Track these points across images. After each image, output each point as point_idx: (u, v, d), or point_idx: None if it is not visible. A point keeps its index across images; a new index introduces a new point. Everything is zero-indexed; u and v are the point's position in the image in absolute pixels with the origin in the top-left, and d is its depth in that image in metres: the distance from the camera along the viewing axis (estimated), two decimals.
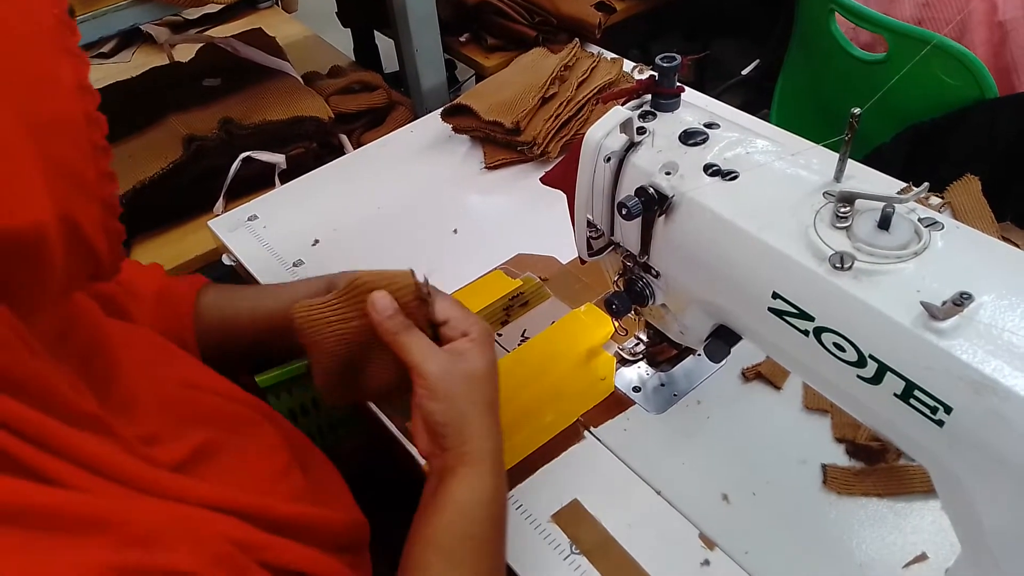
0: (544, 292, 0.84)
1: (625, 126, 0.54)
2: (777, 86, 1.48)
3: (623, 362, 0.75)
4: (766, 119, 1.14)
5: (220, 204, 1.11)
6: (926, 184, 0.45)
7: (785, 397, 0.70)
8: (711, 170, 0.51)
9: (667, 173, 0.52)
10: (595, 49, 1.22)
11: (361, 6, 1.54)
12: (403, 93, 1.29)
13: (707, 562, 0.60)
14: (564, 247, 0.87)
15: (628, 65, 1.14)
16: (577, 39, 1.20)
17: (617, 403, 0.72)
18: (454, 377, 0.56)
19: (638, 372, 0.74)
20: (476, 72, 1.40)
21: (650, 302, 0.61)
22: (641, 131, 0.55)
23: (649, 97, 0.56)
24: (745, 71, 1.71)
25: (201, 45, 1.30)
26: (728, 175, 0.50)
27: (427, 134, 1.11)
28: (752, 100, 1.72)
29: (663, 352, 0.72)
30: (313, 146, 1.15)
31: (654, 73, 0.55)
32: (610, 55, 1.18)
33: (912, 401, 0.41)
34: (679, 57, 0.54)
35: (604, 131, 0.54)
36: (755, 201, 0.49)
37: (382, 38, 1.63)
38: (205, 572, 0.40)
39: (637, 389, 0.72)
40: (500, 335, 0.80)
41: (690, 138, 0.53)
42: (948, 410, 0.40)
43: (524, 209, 0.96)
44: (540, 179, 0.67)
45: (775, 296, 0.47)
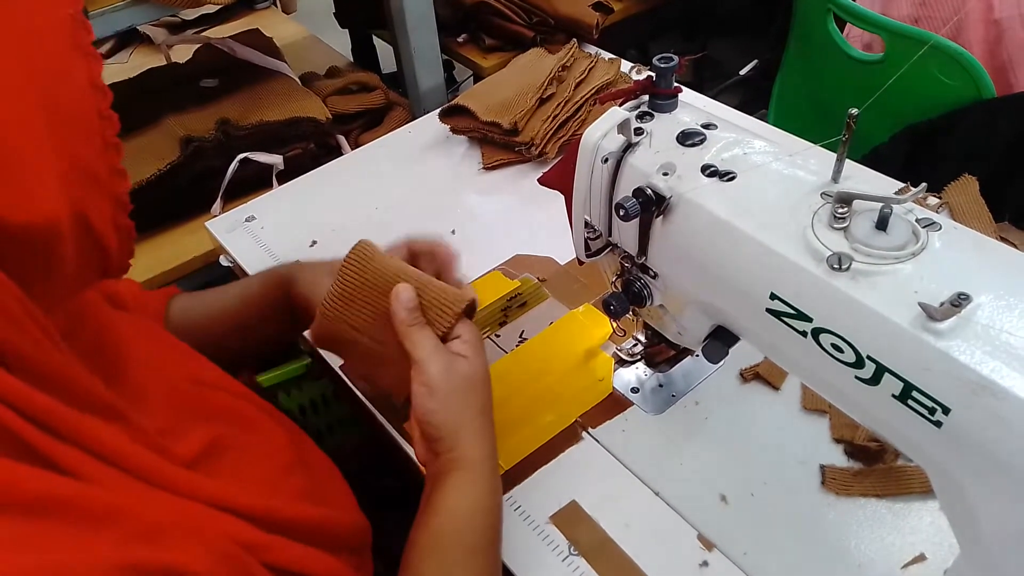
0: (542, 293, 0.84)
1: (623, 127, 0.54)
2: (775, 86, 1.48)
3: (621, 363, 0.75)
4: (764, 119, 1.14)
5: (218, 205, 1.11)
6: (924, 184, 0.45)
7: (783, 398, 0.70)
8: (709, 171, 0.51)
9: (665, 174, 0.52)
10: (593, 49, 1.22)
11: (359, 7, 1.54)
12: (401, 94, 1.29)
13: (705, 563, 0.60)
14: (562, 248, 0.87)
15: (626, 65, 1.14)
16: (575, 39, 1.20)
17: (615, 404, 0.71)
18: (453, 378, 0.56)
19: (636, 373, 0.74)
20: (474, 73, 1.40)
21: (648, 303, 0.61)
22: (639, 132, 0.55)
23: (647, 98, 0.56)
24: (743, 71, 1.71)
25: (198, 46, 1.30)
26: (726, 176, 0.50)
27: (425, 135, 1.11)
28: (749, 100, 1.73)
29: (661, 353, 0.72)
30: (311, 147, 1.15)
31: (652, 74, 0.55)
32: (608, 55, 1.18)
33: (910, 402, 0.41)
34: (676, 58, 0.54)
35: (602, 132, 0.54)
36: (753, 202, 0.49)
37: (380, 39, 1.63)
38: (210, 571, 0.39)
39: (635, 390, 0.72)
40: (498, 336, 0.80)
41: (688, 139, 0.53)
42: (946, 411, 0.40)
43: (522, 210, 0.96)
44: (538, 180, 0.67)
45: (773, 297, 0.47)
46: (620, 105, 0.57)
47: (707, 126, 0.54)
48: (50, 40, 0.39)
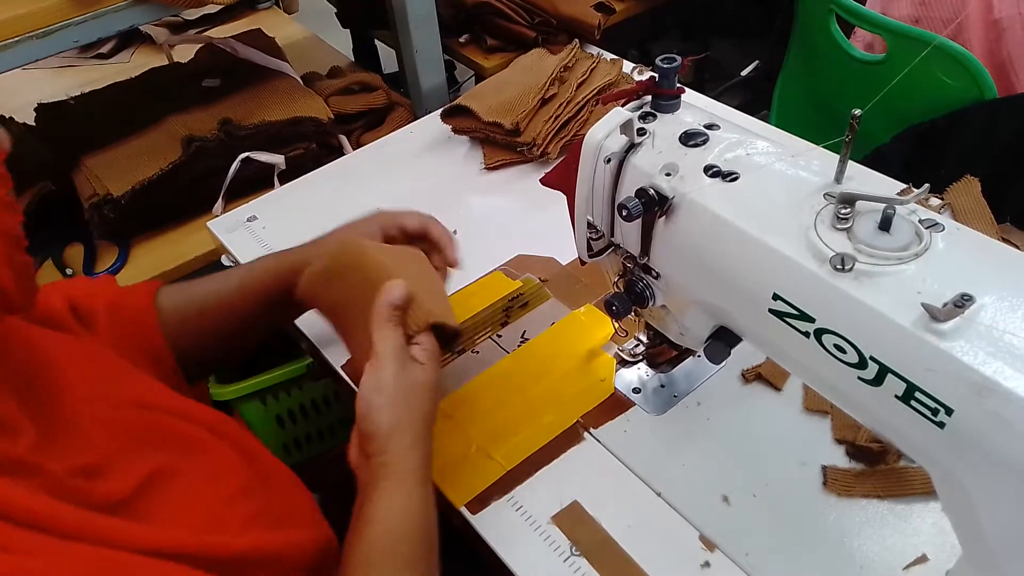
0: (544, 293, 0.84)
1: (625, 127, 0.54)
2: (776, 87, 1.48)
3: (623, 363, 0.75)
4: (765, 120, 1.14)
5: (219, 205, 1.11)
6: (927, 185, 0.45)
7: (785, 398, 0.70)
8: (711, 171, 0.51)
9: (667, 174, 0.52)
10: (594, 50, 1.22)
11: (361, 7, 1.53)
12: (403, 94, 1.29)
13: (707, 564, 0.60)
14: (564, 248, 0.87)
15: (627, 66, 1.14)
16: (576, 40, 1.20)
17: (617, 404, 0.71)
18: (404, 380, 0.55)
19: (638, 373, 0.74)
20: (475, 73, 1.40)
21: (650, 303, 0.61)
22: (641, 132, 0.55)
23: (649, 98, 0.56)
24: (744, 72, 1.71)
25: (200, 46, 1.30)
26: (728, 176, 0.50)
27: (426, 135, 1.11)
28: (751, 101, 1.73)
29: (663, 353, 0.72)
30: (312, 147, 1.15)
31: (654, 74, 0.55)
32: (610, 56, 1.18)
33: (913, 403, 0.41)
34: (679, 58, 0.54)
35: (604, 132, 0.54)
36: (756, 202, 0.49)
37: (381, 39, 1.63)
38: None
39: (637, 390, 0.72)
40: (500, 336, 0.80)
41: (690, 139, 0.53)
42: (949, 412, 0.40)
43: (524, 210, 0.96)
44: (540, 180, 0.67)
45: (775, 297, 0.46)
46: (623, 105, 0.57)
47: (710, 127, 0.54)
48: None
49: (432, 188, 1.02)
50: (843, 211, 0.44)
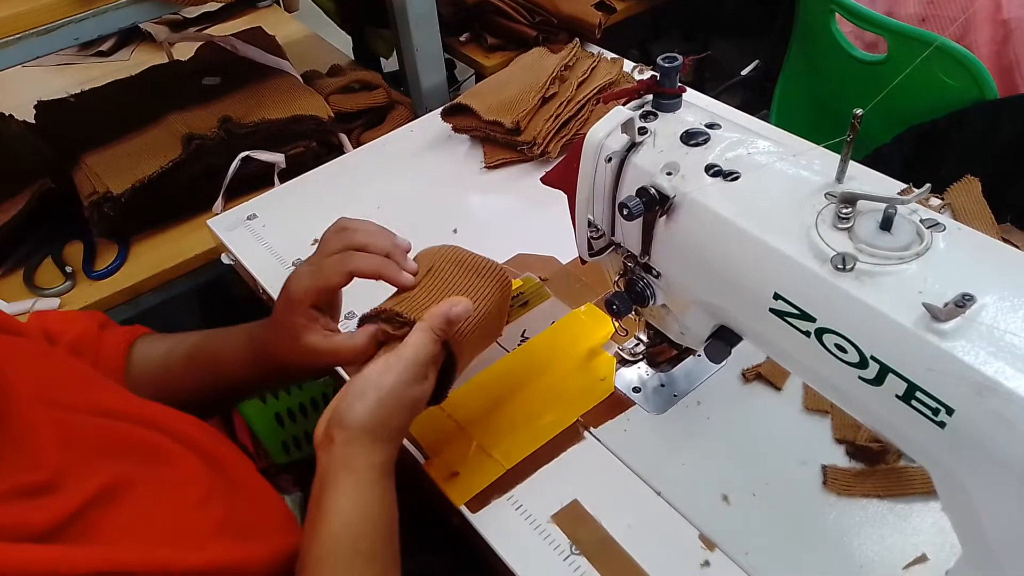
0: (544, 292, 0.84)
1: (626, 126, 0.54)
2: (777, 86, 1.48)
3: (623, 362, 0.75)
4: (765, 119, 1.14)
5: (219, 203, 1.11)
6: (928, 185, 0.45)
7: (785, 398, 0.70)
8: (713, 170, 0.51)
9: (668, 173, 0.52)
10: (595, 49, 1.22)
11: (361, 6, 1.54)
12: (403, 92, 1.29)
13: (707, 563, 0.60)
14: (564, 247, 0.87)
15: (628, 65, 1.14)
16: (577, 39, 1.20)
17: (617, 403, 0.71)
18: (405, 391, 0.55)
19: (638, 372, 0.74)
20: (476, 72, 1.40)
21: (651, 302, 0.61)
22: (642, 131, 0.55)
23: (650, 97, 0.56)
24: (744, 71, 1.71)
25: (200, 44, 1.30)
26: (730, 176, 0.50)
27: (427, 133, 1.11)
28: (751, 100, 1.73)
29: (663, 353, 0.72)
30: (313, 145, 1.15)
31: (655, 73, 0.55)
32: (610, 55, 1.18)
33: (914, 403, 0.41)
34: (681, 57, 0.54)
35: (605, 131, 0.54)
36: (757, 202, 0.49)
37: (381, 37, 1.63)
38: None
39: (637, 390, 0.72)
40: (500, 335, 0.80)
41: (692, 138, 0.53)
42: (950, 412, 0.40)
43: (524, 209, 0.96)
44: (540, 179, 0.67)
45: (776, 297, 0.46)
46: (624, 104, 0.57)
47: (711, 126, 0.54)
48: None
49: (432, 187, 1.02)
50: (844, 211, 0.44)
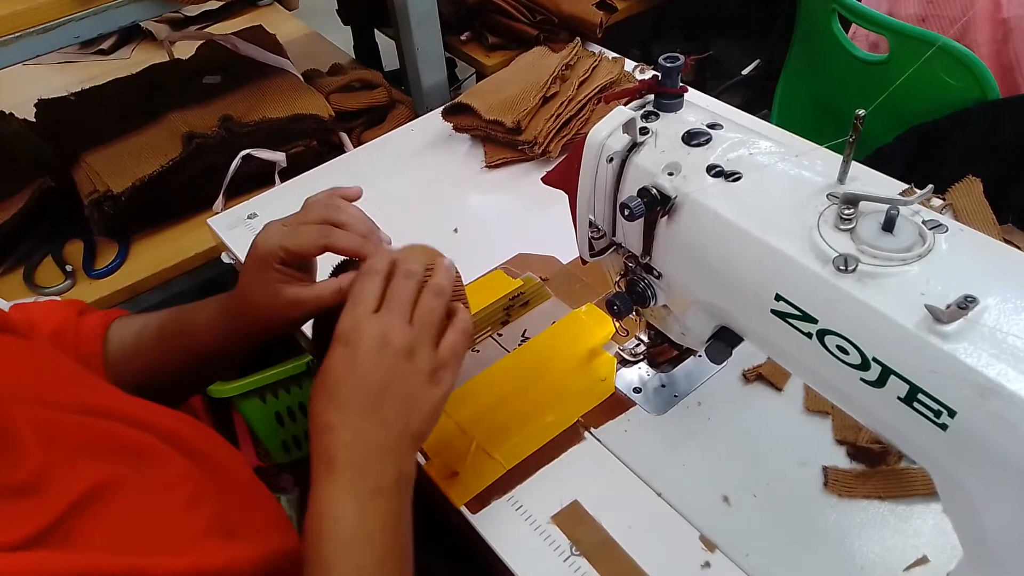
0: (545, 292, 0.84)
1: (628, 126, 0.54)
2: (778, 87, 1.47)
3: (624, 363, 0.74)
4: (766, 119, 1.14)
5: (220, 202, 1.11)
6: (931, 186, 0.45)
7: (786, 399, 0.70)
8: (714, 171, 0.51)
9: (670, 174, 0.52)
10: (596, 48, 1.21)
11: (362, 4, 1.53)
12: (403, 91, 1.29)
13: (707, 564, 0.59)
14: (565, 247, 0.86)
15: (629, 65, 1.14)
16: (578, 38, 1.20)
17: (618, 404, 0.71)
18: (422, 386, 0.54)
19: (639, 373, 0.74)
20: (477, 71, 1.40)
21: (651, 303, 0.61)
22: (644, 131, 0.54)
23: (652, 97, 0.56)
24: (745, 71, 1.71)
25: (201, 42, 1.30)
26: (731, 176, 0.50)
27: (427, 133, 1.10)
28: (752, 100, 1.73)
29: (664, 353, 0.72)
30: (313, 144, 1.15)
31: (657, 73, 0.55)
32: (611, 54, 1.18)
33: (916, 404, 0.41)
34: (683, 57, 0.54)
35: (607, 131, 0.54)
36: (758, 202, 0.49)
37: (382, 36, 1.63)
38: None
39: (638, 390, 0.72)
40: (500, 335, 0.80)
41: (693, 138, 0.53)
42: (952, 414, 0.40)
43: (525, 209, 0.96)
44: (541, 179, 0.67)
45: (778, 298, 0.46)
46: (625, 104, 0.57)
47: (713, 126, 0.54)
48: None
49: (433, 186, 1.01)
50: (846, 211, 0.44)
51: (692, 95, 0.57)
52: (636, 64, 1.15)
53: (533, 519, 0.63)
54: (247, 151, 1.10)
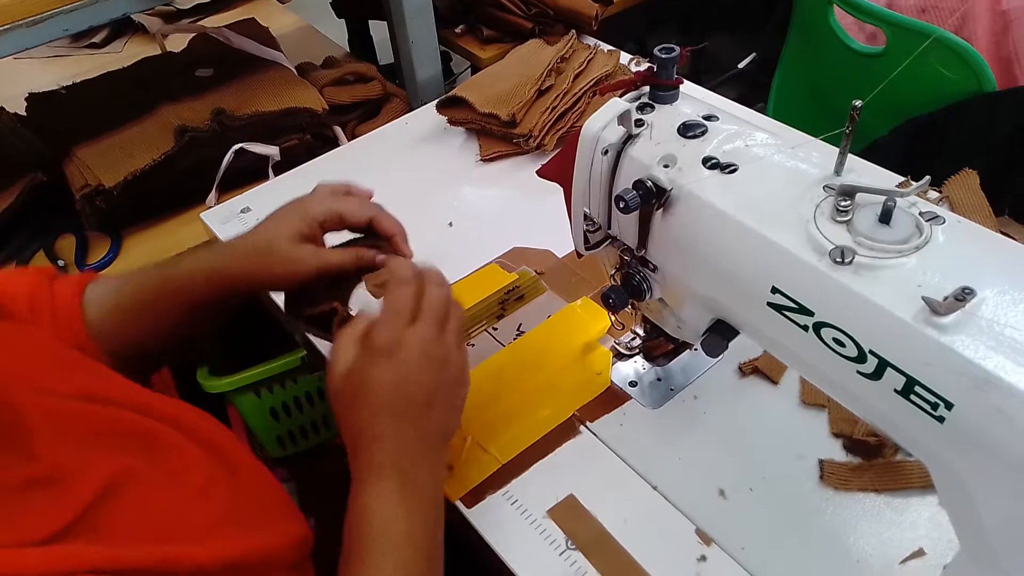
0: (540, 286, 0.83)
1: (623, 118, 0.53)
2: (774, 79, 1.47)
3: (619, 356, 0.74)
4: (762, 112, 1.14)
5: (213, 196, 1.10)
6: (927, 178, 0.45)
7: (782, 392, 0.70)
8: (710, 163, 0.50)
9: (665, 166, 0.52)
10: (592, 41, 1.21)
11: None
12: (398, 85, 1.28)
13: (703, 557, 0.59)
14: (560, 241, 0.86)
15: (625, 57, 1.14)
16: (573, 31, 1.19)
17: (613, 398, 0.71)
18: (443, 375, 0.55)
19: (634, 367, 0.73)
20: (472, 64, 1.39)
21: (647, 296, 0.61)
22: (639, 123, 0.54)
23: (647, 89, 0.56)
24: (741, 64, 1.70)
25: (193, 35, 1.29)
26: (727, 168, 0.50)
27: (422, 126, 1.10)
28: (748, 93, 1.72)
29: (660, 347, 0.72)
30: (307, 138, 1.14)
31: (652, 65, 0.54)
32: (607, 47, 1.17)
33: (912, 397, 0.41)
34: (678, 48, 0.53)
35: (602, 123, 0.54)
36: (754, 195, 0.48)
37: (377, 29, 1.62)
38: None
39: (633, 384, 0.72)
40: (496, 329, 0.79)
41: (689, 131, 0.52)
42: (949, 406, 0.39)
43: (520, 202, 0.96)
44: (536, 172, 0.66)
45: (774, 291, 0.46)
46: (620, 96, 0.56)
47: (708, 118, 0.53)
48: None
49: (427, 180, 1.01)
50: (843, 203, 0.44)
51: (688, 87, 0.57)
52: (632, 57, 1.14)
53: (529, 513, 0.63)
54: (240, 145, 1.09)
